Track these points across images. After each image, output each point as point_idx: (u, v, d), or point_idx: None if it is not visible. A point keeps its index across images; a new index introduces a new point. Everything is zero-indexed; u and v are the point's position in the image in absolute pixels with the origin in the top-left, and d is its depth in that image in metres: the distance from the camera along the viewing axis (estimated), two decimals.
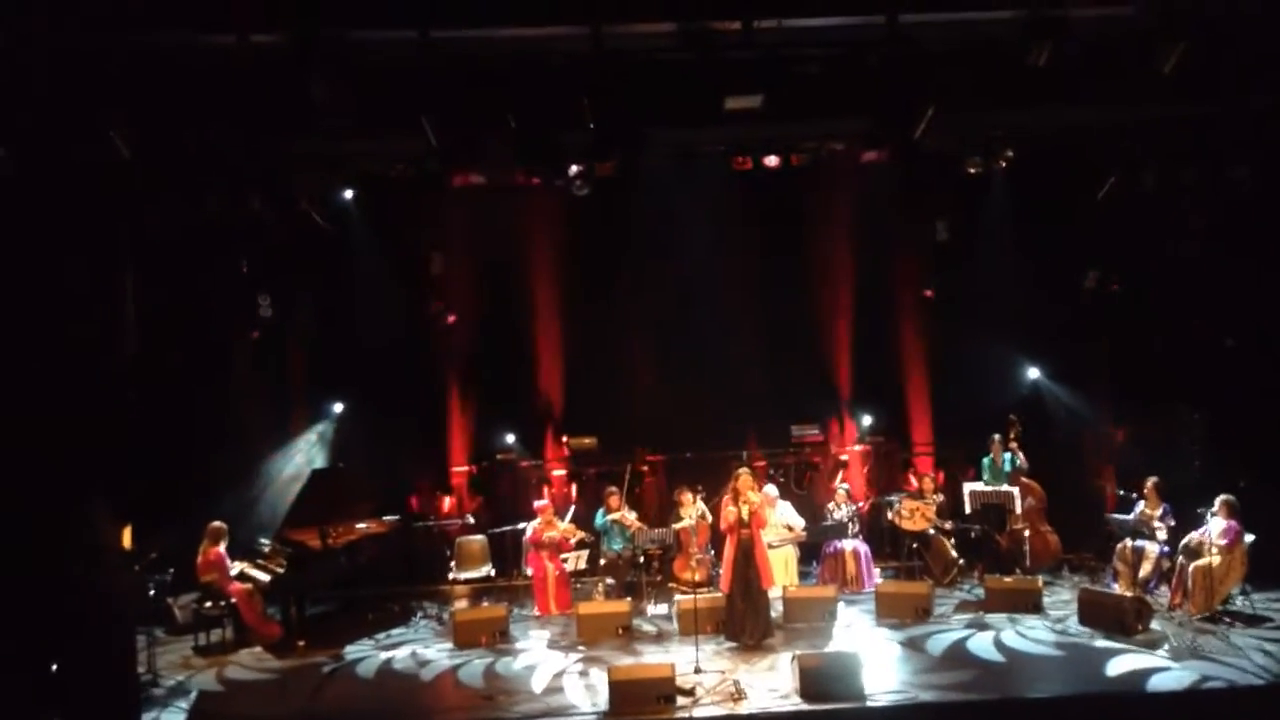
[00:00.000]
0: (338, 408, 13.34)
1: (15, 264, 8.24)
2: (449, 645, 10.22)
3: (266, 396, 13.23)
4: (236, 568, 10.69)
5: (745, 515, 9.70)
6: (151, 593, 10.12)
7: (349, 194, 12.80)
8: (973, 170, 11.87)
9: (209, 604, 10.44)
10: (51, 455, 8.10)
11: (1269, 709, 8.01)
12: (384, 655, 10.08)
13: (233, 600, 10.47)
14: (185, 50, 8.87)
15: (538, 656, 9.83)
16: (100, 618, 8.31)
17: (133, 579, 9.62)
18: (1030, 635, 9.73)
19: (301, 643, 10.28)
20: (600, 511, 11.94)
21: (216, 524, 10.68)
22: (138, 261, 11.56)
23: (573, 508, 12.16)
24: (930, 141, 11.11)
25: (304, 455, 13.14)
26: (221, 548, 10.57)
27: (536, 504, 11.87)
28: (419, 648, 10.28)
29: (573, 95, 9.61)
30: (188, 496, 11.73)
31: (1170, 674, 8.47)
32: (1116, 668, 8.71)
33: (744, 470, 9.98)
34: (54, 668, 7.95)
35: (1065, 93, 10.31)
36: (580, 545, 11.74)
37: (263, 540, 11.17)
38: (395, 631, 10.94)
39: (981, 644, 9.55)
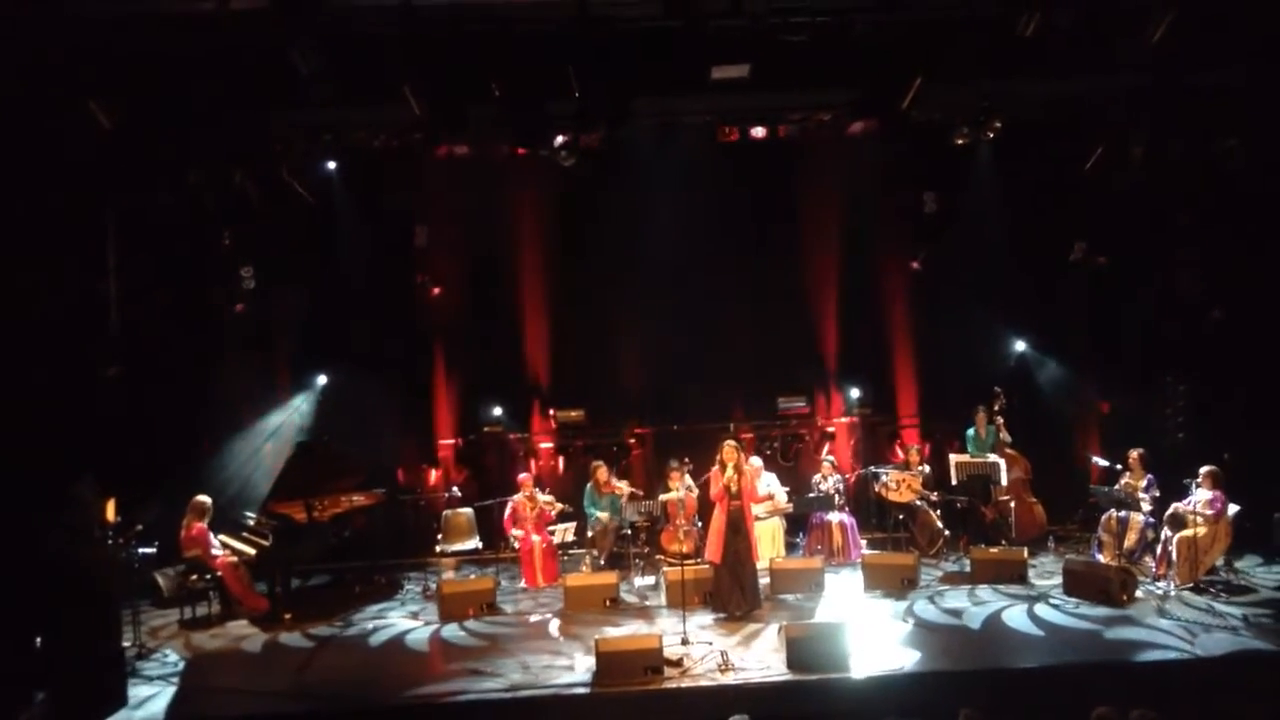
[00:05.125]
0: (322, 380, 13.24)
1: None
2: (436, 617, 10.21)
3: (251, 369, 13.12)
4: (221, 541, 10.63)
5: (734, 486, 9.68)
6: (136, 566, 10.08)
7: (332, 165, 12.69)
8: (960, 141, 11.82)
9: (194, 577, 10.40)
10: (34, 430, 8.04)
11: (1254, 677, 8.04)
12: (371, 627, 10.06)
13: (218, 574, 10.44)
14: (165, 17, 8.71)
15: (525, 628, 9.84)
16: (84, 592, 8.28)
17: (117, 552, 9.58)
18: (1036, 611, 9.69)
19: (288, 615, 10.26)
20: (588, 488, 11.94)
21: (200, 499, 10.64)
22: (120, 235, 11.53)
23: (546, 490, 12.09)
24: (918, 112, 11.07)
25: (289, 428, 13.05)
26: (204, 523, 10.52)
27: (520, 477, 11.87)
28: (406, 620, 10.26)
29: (558, 64, 9.50)
30: (172, 469, 11.69)
31: (1155, 644, 8.53)
32: (1106, 638, 8.75)
33: (729, 442, 9.98)
34: (38, 642, 7.92)
35: (1053, 63, 10.28)
36: (562, 517, 11.71)
37: (248, 513, 11.12)
38: (382, 604, 10.91)
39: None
